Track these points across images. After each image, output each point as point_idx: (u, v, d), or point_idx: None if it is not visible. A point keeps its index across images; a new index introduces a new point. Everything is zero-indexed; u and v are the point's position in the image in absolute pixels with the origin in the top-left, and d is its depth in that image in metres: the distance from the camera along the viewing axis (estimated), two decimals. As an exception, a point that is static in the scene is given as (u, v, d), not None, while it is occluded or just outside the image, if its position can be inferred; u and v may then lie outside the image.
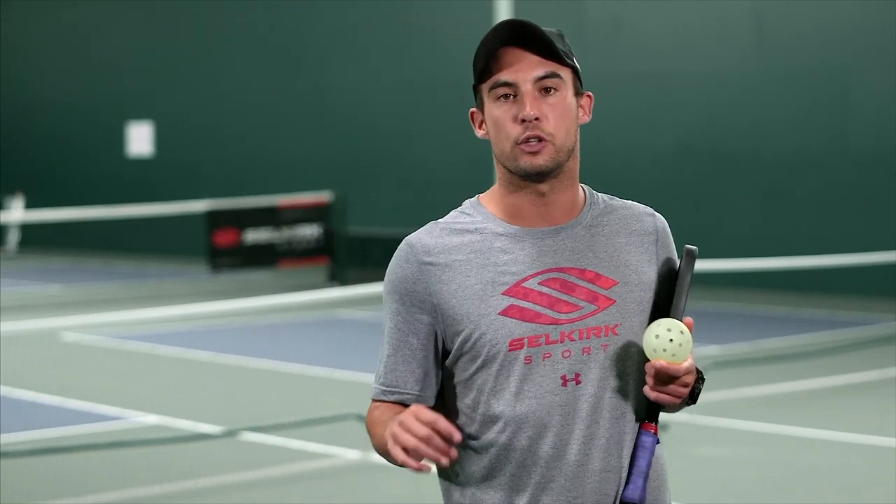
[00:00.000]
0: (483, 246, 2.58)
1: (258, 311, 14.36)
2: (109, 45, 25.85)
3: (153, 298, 17.29)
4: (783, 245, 17.13)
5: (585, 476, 2.53)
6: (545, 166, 2.54)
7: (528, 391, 2.53)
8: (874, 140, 16.91)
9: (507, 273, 2.55)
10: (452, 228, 2.61)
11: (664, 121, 18.54)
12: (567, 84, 2.58)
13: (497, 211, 2.62)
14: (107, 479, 7.76)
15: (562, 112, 2.55)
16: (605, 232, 2.63)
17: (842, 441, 8.72)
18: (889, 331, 13.81)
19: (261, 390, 10.45)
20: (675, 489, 7.82)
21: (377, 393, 2.62)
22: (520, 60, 2.55)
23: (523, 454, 2.53)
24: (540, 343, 2.53)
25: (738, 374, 10.88)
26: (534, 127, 2.52)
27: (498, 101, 2.56)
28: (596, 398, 2.54)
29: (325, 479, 7.79)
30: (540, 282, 2.55)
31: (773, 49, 17.67)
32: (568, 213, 2.61)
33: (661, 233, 2.69)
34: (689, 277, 2.62)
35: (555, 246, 2.58)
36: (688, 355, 2.47)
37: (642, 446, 2.55)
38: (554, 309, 2.54)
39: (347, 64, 22.06)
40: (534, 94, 2.54)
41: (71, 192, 25.84)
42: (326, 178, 21.81)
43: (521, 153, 2.54)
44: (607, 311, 2.56)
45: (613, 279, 2.59)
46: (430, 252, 2.58)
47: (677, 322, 2.48)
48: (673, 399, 2.50)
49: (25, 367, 11.55)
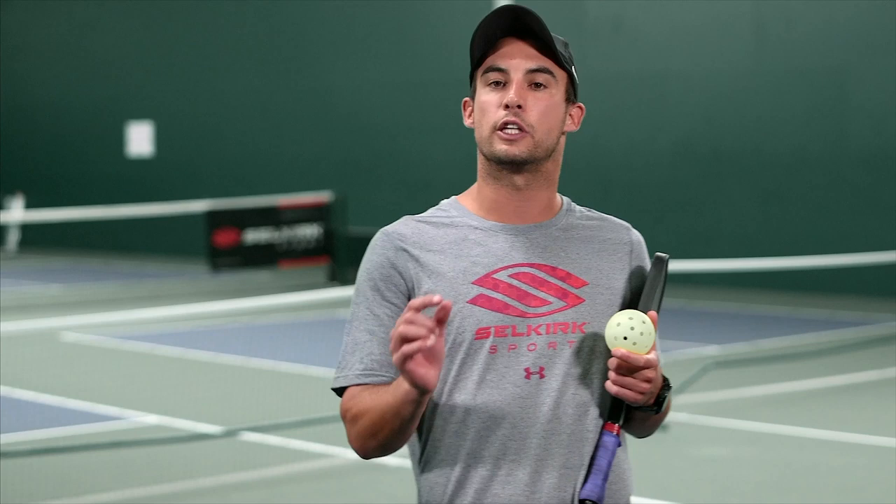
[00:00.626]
0: (458, 238, 2.59)
1: (258, 311, 14.36)
2: (109, 45, 25.85)
3: (153, 298, 17.29)
4: (783, 245, 17.13)
5: (544, 471, 2.52)
6: (519, 155, 2.54)
7: (490, 381, 2.53)
8: (874, 140, 16.92)
9: (479, 264, 2.55)
10: (428, 222, 2.62)
11: (664, 121, 18.54)
12: (559, 85, 2.59)
13: (474, 206, 2.63)
14: (107, 479, 7.76)
15: (547, 108, 2.56)
16: (580, 236, 2.64)
17: (842, 441, 8.72)
18: (889, 331, 13.81)
19: (261, 390, 10.45)
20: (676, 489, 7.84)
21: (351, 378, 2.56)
22: (517, 49, 2.56)
23: (481, 443, 2.53)
24: (506, 334, 2.53)
25: (738, 374, 10.88)
26: (515, 114, 2.53)
27: (488, 86, 2.57)
28: (559, 393, 2.53)
29: (325, 479, 7.79)
30: (511, 275, 2.56)
31: (773, 49, 17.67)
32: (544, 212, 2.62)
33: (636, 245, 2.70)
34: (660, 283, 2.62)
35: (528, 242, 2.59)
36: (649, 347, 2.47)
37: (603, 446, 2.53)
38: (523, 302, 2.54)
39: (347, 64, 22.06)
40: (523, 84, 2.55)
41: (71, 192, 25.84)
42: (326, 178, 21.81)
43: (497, 139, 2.55)
44: (576, 309, 2.56)
45: (584, 280, 2.59)
46: (405, 240, 2.59)
47: (640, 313, 2.49)
48: (634, 395, 2.48)
49: (25, 367, 11.55)
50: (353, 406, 2.54)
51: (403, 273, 2.57)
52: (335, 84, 22.30)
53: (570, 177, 21.45)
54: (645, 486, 7.52)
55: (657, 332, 2.60)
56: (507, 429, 2.52)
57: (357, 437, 2.53)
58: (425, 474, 2.59)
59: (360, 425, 2.52)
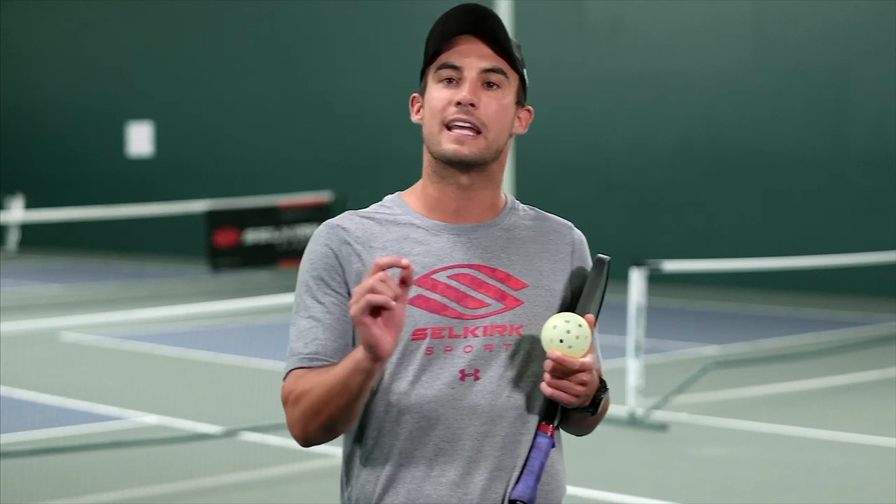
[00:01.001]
0: (399, 236, 2.58)
1: (258, 311, 14.35)
2: (109, 45, 25.85)
3: (153, 298, 17.30)
4: (783, 245, 17.13)
5: (476, 472, 2.52)
6: (468, 156, 2.53)
7: (424, 381, 2.52)
8: (874, 140, 16.91)
9: (418, 264, 2.54)
10: (372, 218, 2.62)
11: (664, 121, 18.54)
12: (511, 87, 2.57)
13: (417, 205, 2.62)
14: (107, 479, 7.76)
15: (499, 109, 2.54)
16: (522, 237, 2.62)
17: (842, 441, 8.72)
18: (889, 331, 13.81)
19: (261, 390, 10.45)
20: (676, 489, 7.85)
21: (294, 363, 2.53)
22: (472, 48, 2.54)
23: (413, 443, 2.52)
24: (443, 335, 2.52)
25: (738, 374, 10.87)
26: (467, 111, 2.52)
27: (440, 83, 2.55)
28: (494, 396, 2.53)
29: (325, 479, 7.79)
30: (450, 275, 2.55)
31: (773, 49, 17.67)
32: (487, 212, 2.61)
33: (578, 245, 2.69)
34: (600, 284, 2.61)
35: (469, 243, 2.58)
36: (585, 350, 2.45)
37: (536, 447, 2.53)
38: (461, 303, 2.54)
39: (347, 64, 22.06)
40: (477, 82, 2.53)
41: (71, 192, 25.84)
42: (326, 178, 21.81)
43: (447, 139, 2.53)
44: (514, 312, 2.55)
45: (524, 282, 2.58)
46: (349, 234, 2.58)
47: (576, 316, 2.47)
48: (569, 398, 2.46)
49: (25, 367, 11.55)
50: (296, 387, 2.50)
51: (345, 265, 2.55)
52: (335, 84, 22.30)
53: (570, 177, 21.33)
54: (645, 486, 7.53)
55: (597, 334, 2.60)
56: (440, 430, 2.52)
57: (300, 418, 2.49)
58: (356, 471, 2.58)
59: (302, 404, 2.48)
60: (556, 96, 18.85)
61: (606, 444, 8.47)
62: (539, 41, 18.86)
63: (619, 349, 10.47)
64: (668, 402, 9.52)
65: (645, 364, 9.83)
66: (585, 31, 18.98)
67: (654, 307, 12.75)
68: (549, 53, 18.92)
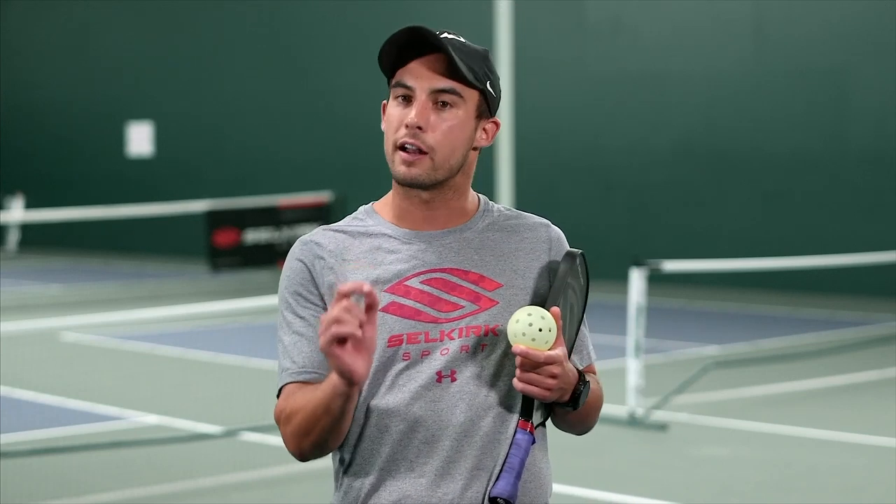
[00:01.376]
0: (372, 247, 2.60)
1: (258, 311, 14.33)
2: (109, 45, 25.85)
3: (153, 298, 17.29)
4: (783, 245, 17.13)
5: (455, 472, 2.53)
6: (418, 179, 2.54)
7: (401, 385, 2.54)
8: (874, 140, 16.91)
9: (391, 271, 2.56)
10: (344, 231, 2.63)
11: (664, 121, 18.53)
12: (467, 104, 2.56)
13: (388, 215, 2.63)
14: (107, 479, 7.76)
15: (450, 129, 2.53)
16: (495, 237, 2.63)
17: (842, 441, 8.72)
18: (889, 331, 13.80)
19: (261, 390, 10.44)
20: (676, 489, 7.84)
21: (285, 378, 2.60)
22: (423, 68, 2.53)
23: (394, 447, 2.54)
24: (419, 340, 2.54)
25: (738, 374, 10.87)
26: (414, 135, 2.52)
27: (396, 100, 2.56)
28: (471, 396, 2.54)
29: (325, 479, 7.79)
30: (422, 280, 2.56)
31: (773, 49, 17.67)
32: (457, 218, 2.62)
33: (556, 242, 2.68)
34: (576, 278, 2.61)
35: (441, 248, 2.59)
36: (551, 342, 2.44)
37: (516, 444, 2.52)
38: (434, 307, 2.55)
39: (348, 64, 22.06)
40: (427, 104, 2.53)
41: (71, 192, 25.84)
42: (326, 178, 21.81)
43: (398, 159, 2.55)
44: (489, 312, 2.56)
45: (498, 282, 2.59)
46: (322, 248, 2.60)
47: (539, 309, 2.47)
48: (541, 391, 2.46)
49: (25, 367, 11.55)
50: (286, 406, 2.55)
51: (319, 280, 2.59)
52: (335, 84, 22.30)
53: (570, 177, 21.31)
54: (645, 486, 7.53)
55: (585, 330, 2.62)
56: (421, 432, 2.53)
57: (292, 436, 2.53)
58: (342, 477, 2.61)
59: (293, 424, 2.52)
60: (556, 96, 18.85)
61: (606, 444, 8.47)
62: (539, 41, 18.86)
63: (619, 349, 10.47)
64: (668, 402, 9.52)
65: (645, 364, 9.82)
66: (585, 31, 18.98)
67: (654, 307, 12.75)
68: (549, 53, 18.91)
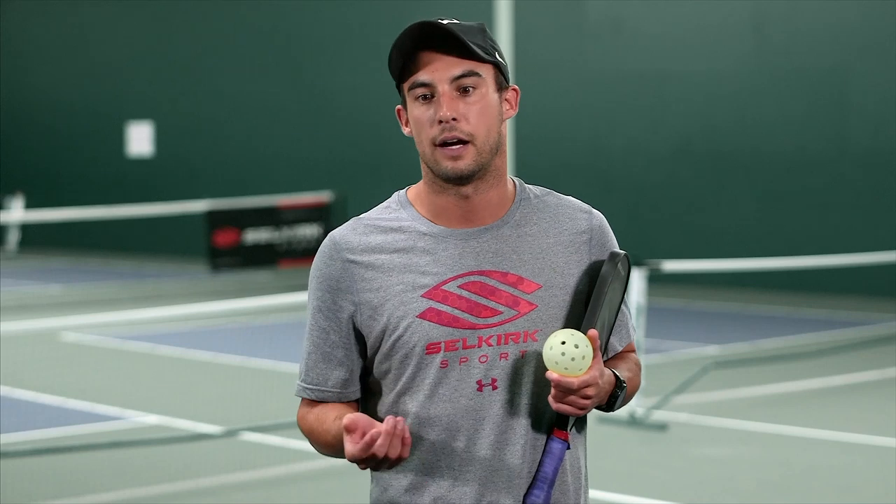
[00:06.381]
0: (406, 245, 2.55)
1: (258, 311, 14.35)
2: (109, 45, 25.85)
3: (153, 298, 17.29)
4: (783, 245, 17.13)
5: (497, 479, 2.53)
6: (467, 170, 2.51)
7: (442, 394, 2.52)
8: (874, 140, 16.91)
9: (428, 274, 2.53)
10: (377, 226, 2.59)
11: (664, 121, 18.54)
12: (487, 81, 2.53)
13: (423, 209, 2.59)
14: (107, 479, 7.76)
15: (481, 110, 2.51)
16: (533, 231, 2.59)
17: (842, 441, 8.72)
18: (889, 331, 13.80)
19: (261, 390, 10.45)
20: (676, 489, 7.83)
21: (300, 390, 2.63)
22: (435, 60, 2.51)
23: (435, 454, 2.53)
24: (457, 347, 2.51)
25: (738, 374, 10.87)
26: (451, 128, 2.49)
27: (417, 101, 2.53)
28: (512, 404, 2.52)
29: (325, 479, 7.79)
30: (460, 285, 2.52)
31: (773, 49, 17.67)
32: (494, 212, 2.58)
33: (597, 231, 2.64)
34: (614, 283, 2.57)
35: (478, 248, 2.55)
36: (584, 369, 2.41)
37: (550, 452, 2.52)
38: (473, 313, 2.51)
39: (348, 64, 22.06)
40: (451, 94, 2.50)
41: (71, 192, 25.84)
42: (326, 178, 21.81)
43: (441, 157, 2.51)
44: (527, 317, 2.53)
45: (537, 283, 2.55)
46: (353, 250, 2.57)
47: (576, 334, 2.43)
48: (575, 410, 2.45)
49: (25, 367, 11.55)
50: (302, 424, 2.63)
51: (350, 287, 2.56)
52: (335, 84, 22.30)
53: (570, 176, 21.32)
54: (645, 486, 7.53)
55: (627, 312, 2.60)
56: (461, 440, 2.52)
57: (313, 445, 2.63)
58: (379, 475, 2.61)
59: (310, 440, 2.62)
60: (556, 96, 18.85)
61: (606, 444, 8.47)
62: (539, 41, 18.86)
63: (619, 349, 10.43)
64: (668, 402, 9.52)
65: (645, 364, 9.82)
66: (585, 31, 18.98)
67: (654, 307, 12.75)
68: (549, 53, 18.91)
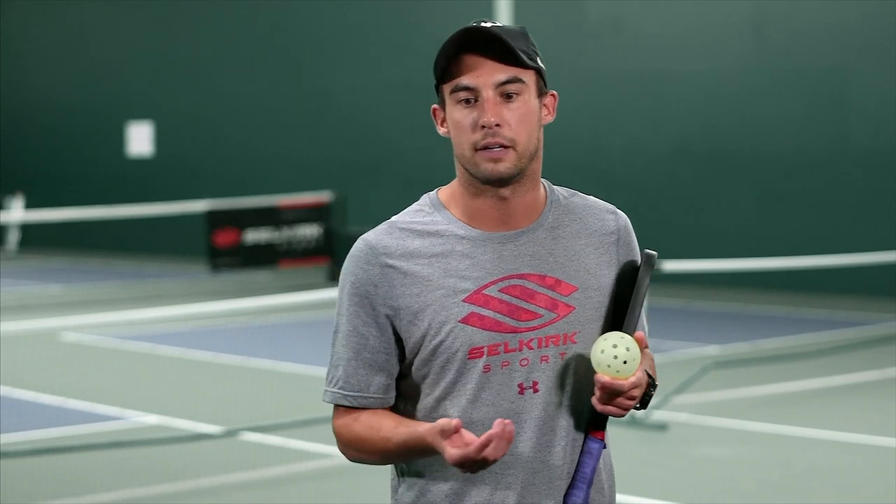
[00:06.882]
0: (444, 249, 2.56)
1: (258, 311, 14.35)
2: (109, 45, 25.85)
3: (153, 298, 17.29)
4: (783, 245, 17.13)
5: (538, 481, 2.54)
6: (507, 173, 2.52)
7: (485, 398, 2.53)
8: (874, 140, 16.91)
9: (468, 279, 2.53)
10: (412, 230, 2.59)
11: (664, 121, 18.54)
12: (529, 87, 2.55)
13: (457, 212, 2.59)
14: (107, 479, 7.76)
15: (523, 117, 2.52)
16: (566, 234, 2.61)
17: (842, 441, 8.72)
18: (889, 331, 13.81)
19: (261, 390, 10.45)
20: (676, 489, 7.83)
21: (338, 398, 2.60)
22: (480, 65, 2.51)
23: None
24: (499, 352, 2.52)
25: (738, 374, 10.87)
26: (494, 133, 2.50)
27: (459, 104, 2.53)
28: (553, 405, 2.54)
29: (325, 479, 7.79)
30: (500, 289, 2.53)
31: (773, 49, 17.67)
32: (529, 215, 2.59)
33: (623, 232, 2.67)
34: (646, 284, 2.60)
35: (516, 251, 2.56)
36: (633, 371, 2.44)
37: (588, 452, 2.54)
38: (513, 317, 2.52)
39: (348, 64, 22.06)
40: (494, 99, 2.51)
41: (71, 192, 25.84)
42: (326, 178, 21.81)
43: (482, 159, 2.52)
44: (566, 319, 2.55)
45: (573, 285, 2.57)
46: (390, 255, 2.56)
47: (625, 337, 2.45)
48: (619, 412, 2.48)
49: (25, 367, 11.55)
50: (346, 432, 2.59)
51: (388, 293, 2.54)
52: (335, 84, 22.30)
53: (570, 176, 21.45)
54: (645, 486, 7.52)
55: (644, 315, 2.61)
56: None
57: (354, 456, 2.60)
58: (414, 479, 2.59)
59: (358, 448, 2.58)
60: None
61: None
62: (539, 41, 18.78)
63: (619, 349, 10.43)
64: (668, 402, 9.52)
65: (645, 364, 9.80)
66: (585, 31, 18.98)
67: (654, 307, 12.75)
68: (549, 53, 18.85)
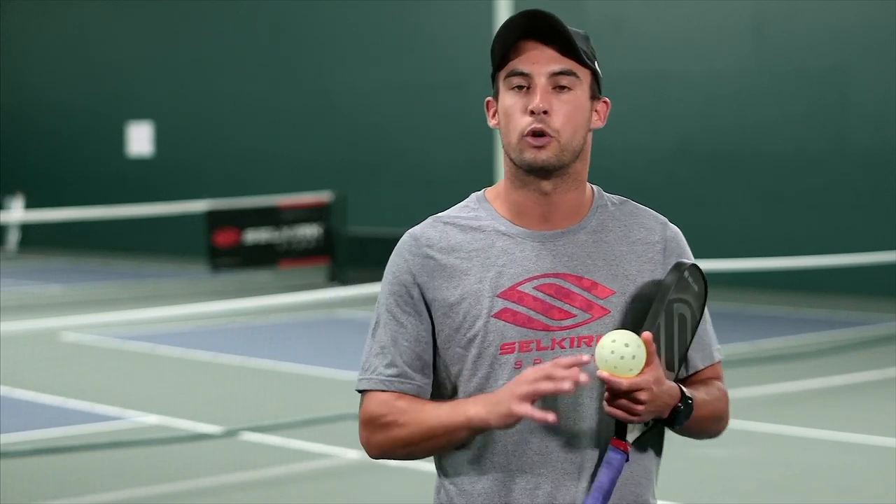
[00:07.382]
0: (485, 244, 2.55)
1: (258, 311, 14.34)
2: (109, 45, 25.85)
3: (153, 298, 17.29)
4: (783, 245, 17.13)
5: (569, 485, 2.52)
6: (548, 162, 2.50)
7: None
8: (874, 140, 16.92)
9: (504, 275, 2.52)
10: (455, 224, 2.59)
11: (664, 121, 18.54)
12: (583, 85, 2.54)
13: (502, 209, 2.59)
14: (107, 479, 7.76)
15: (572, 111, 2.52)
16: (609, 239, 2.59)
17: (842, 441, 8.72)
18: (889, 331, 13.81)
19: (261, 390, 10.45)
20: (675, 489, 7.83)
21: (374, 383, 2.58)
22: (538, 52, 2.51)
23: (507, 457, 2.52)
24: (530, 349, 2.51)
25: (738, 374, 10.87)
26: (541, 120, 2.49)
27: (511, 90, 2.53)
28: (583, 408, 2.52)
29: (325, 479, 7.79)
30: (536, 286, 2.52)
31: (773, 49, 17.67)
32: (572, 215, 2.58)
33: (671, 242, 2.64)
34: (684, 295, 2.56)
35: (555, 250, 2.55)
36: (635, 369, 2.39)
37: (607, 462, 2.50)
38: (547, 315, 2.51)
39: (347, 64, 22.06)
40: (547, 88, 2.50)
41: (71, 192, 25.84)
42: (326, 178, 21.81)
43: (526, 146, 2.51)
44: (600, 321, 2.52)
45: (611, 289, 2.55)
46: (432, 246, 2.57)
47: (626, 334, 2.41)
48: (626, 416, 2.42)
49: (25, 367, 11.55)
50: (387, 413, 2.55)
51: (427, 283, 2.55)
52: (335, 84, 22.30)
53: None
54: (645, 486, 7.52)
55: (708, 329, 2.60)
56: (534, 443, 2.51)
57: (383, 444, 2.55)
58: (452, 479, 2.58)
59: (391, 435, 2.54)
60: (556, 96, 18.82)
61: (606, 444, 8.46)
62: (539, 41, 18.82)
63: (619, 349, 10.42)
64: (668, 402, 9.51)
65: (645, 364, 9.81)
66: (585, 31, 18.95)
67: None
68: (549, 53, 18.88)
